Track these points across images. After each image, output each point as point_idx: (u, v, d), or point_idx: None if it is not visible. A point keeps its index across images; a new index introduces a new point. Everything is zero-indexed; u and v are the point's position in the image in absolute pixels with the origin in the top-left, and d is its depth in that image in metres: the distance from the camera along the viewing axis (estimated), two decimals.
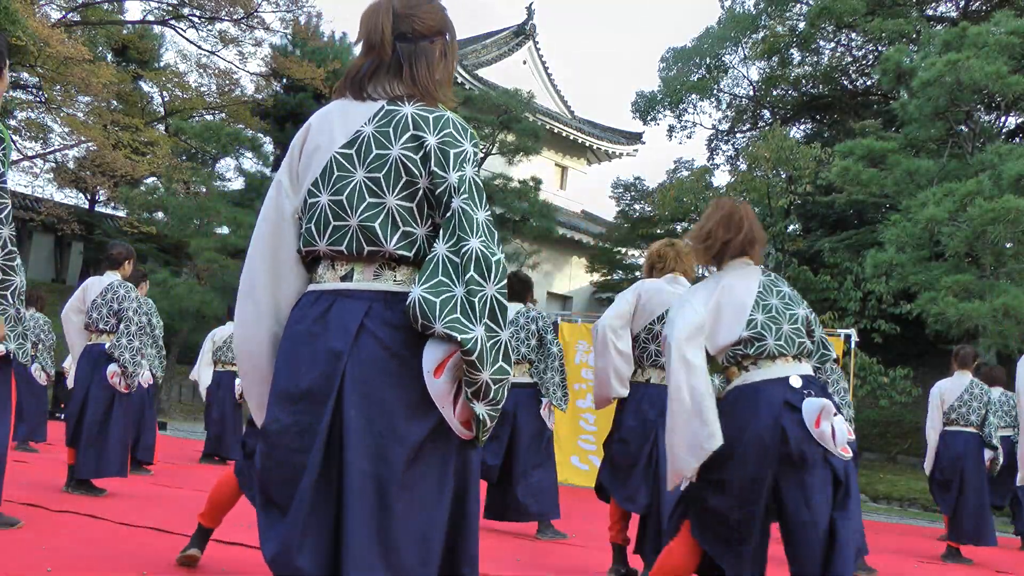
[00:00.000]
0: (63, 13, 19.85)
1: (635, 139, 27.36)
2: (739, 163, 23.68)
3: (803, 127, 25.51)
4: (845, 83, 24.22)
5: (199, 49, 21.69)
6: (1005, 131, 19.20)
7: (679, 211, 20.62)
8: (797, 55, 24.07)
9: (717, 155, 25.80)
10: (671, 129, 24.96)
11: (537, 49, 26.34)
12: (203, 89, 22.15)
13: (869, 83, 23.29)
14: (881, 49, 20.61)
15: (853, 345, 10.88)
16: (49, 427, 9.36)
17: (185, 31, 21.53)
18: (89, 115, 19.83)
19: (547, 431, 5.77)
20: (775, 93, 24.70)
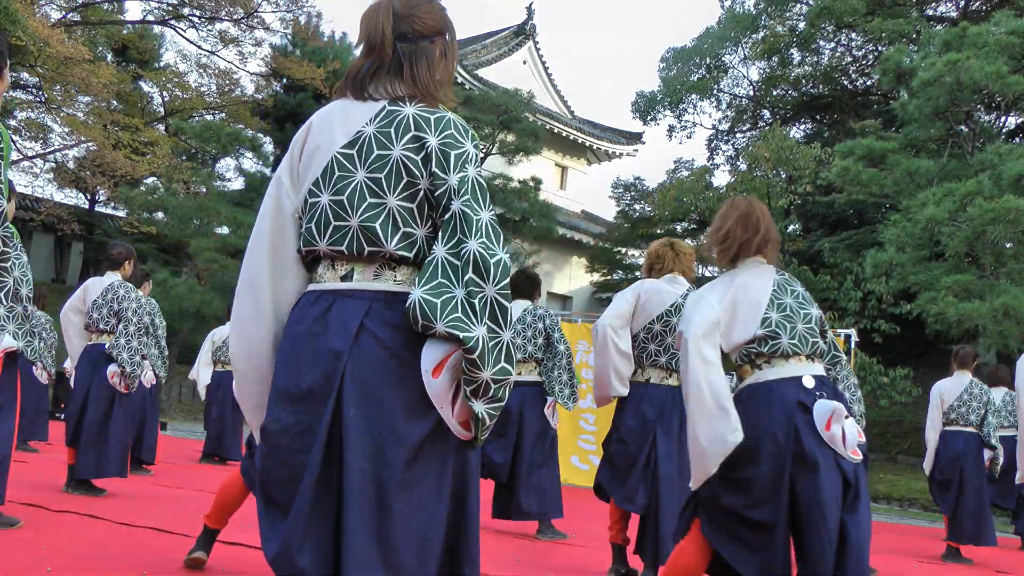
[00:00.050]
0: (63, 13, 19.85)
1: (635, 139, 27.37)
2: (739, 163, 23.68)
3: (803, 127, 25.51)
4: (845, 83, 24.22)
5: (199, 49, 21.71)
6: (1005, 131, 19.20)
7: (679, 211, 20.63)
8: (797, 55, 24.07)
9: (717, 155, 25.82)
10: (671, 129, 24.98)
11: (537, 49, 26.34)
12: (203, 89, 22.16)
13: (869, 83, 23.29)
14: (881, 49, 20.61)
15: (853, 345, 10.86)
16: (49, 427, 9.36)
17: (185, 31, 21.56)
18: (89, 115, 19.83)
19: (551, 430, 5.76)
20: (775, 93, 24.70)
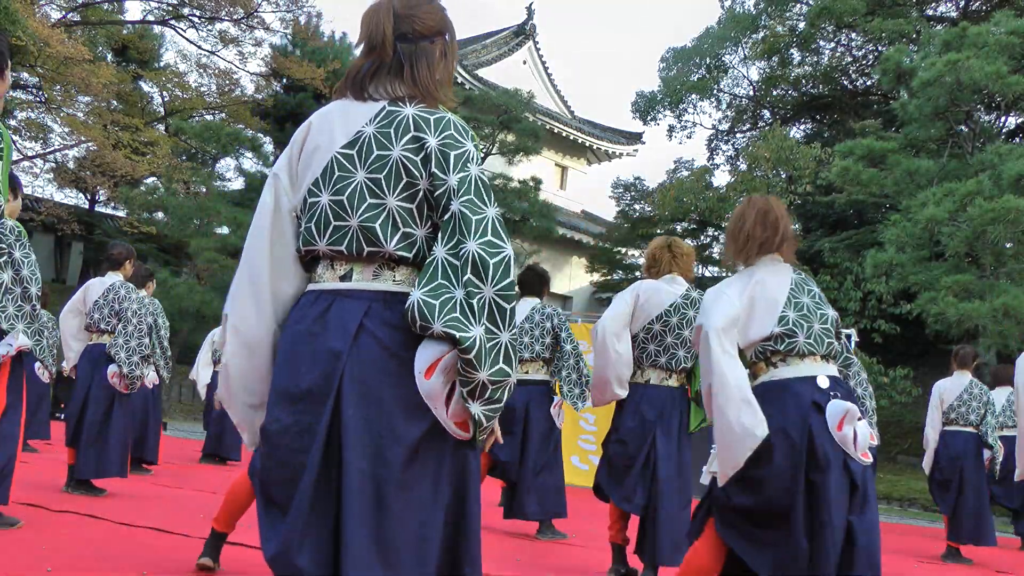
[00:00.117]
0: (63, 13, 19.85)
1: (635, 139, 27.37)
2: (739, 163, 23.69)
3: (803, 127, 25.52)
4: (845, 83, 24.23)
5: (199, 49, 21.72)
6: (1005, 131, 19.21)
7: (679, 211, 20.63)
8: (797, 55, 24.08)
9: (717, 155, 25.84)
10: (671, 129, 25.00)
11: (537, 49, 26.34)
12: (203, 89, 22.16)
13: (869, 83, 23.30)
14: (881, 49, 20.62)
15: (853, 345, 10.86)
16: (50, 427, 9.35)
17: (185, 31, 21.56)
18: (89, 115, 19.83)
19: (556, 430, 5.75)
20: (775, 93, 24.71)
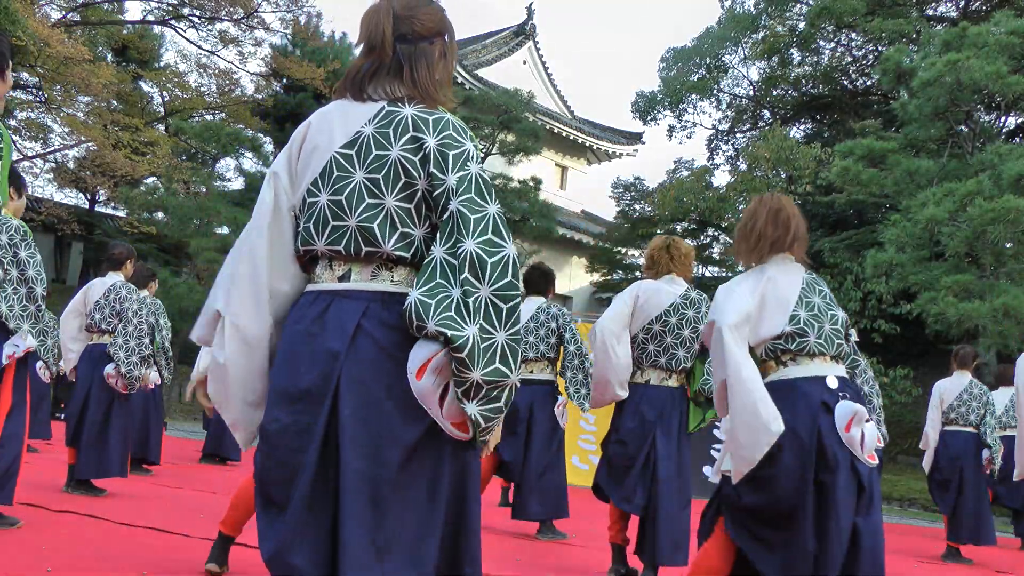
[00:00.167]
0: (63, 13, 19.85)
1: (635, 139, 27.37)
2: (739, 163, 23.69)
3: (803, 127, 25.52)
4: (845, 83, 24.23)
5: (199, 49, 21.71)
6: (1005, 131, 19.21)
7: (679, 211, 20.63)
8: (797, 55, 24.08)
9: (717, 155, 25.84)
10: (671, 129, 25.00)
11: (537, 49, 26.34)
12: (203, 89, 22.16)
13: (869, 83, 23.30)
14: (881, 49, 20.62)
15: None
16: (51, 426, 9.36)
17: (185, 31, 21.56)
18: (89, 115, 19.83)
19: (560, 430, 5.75)
20: (775, 93, 24.71)
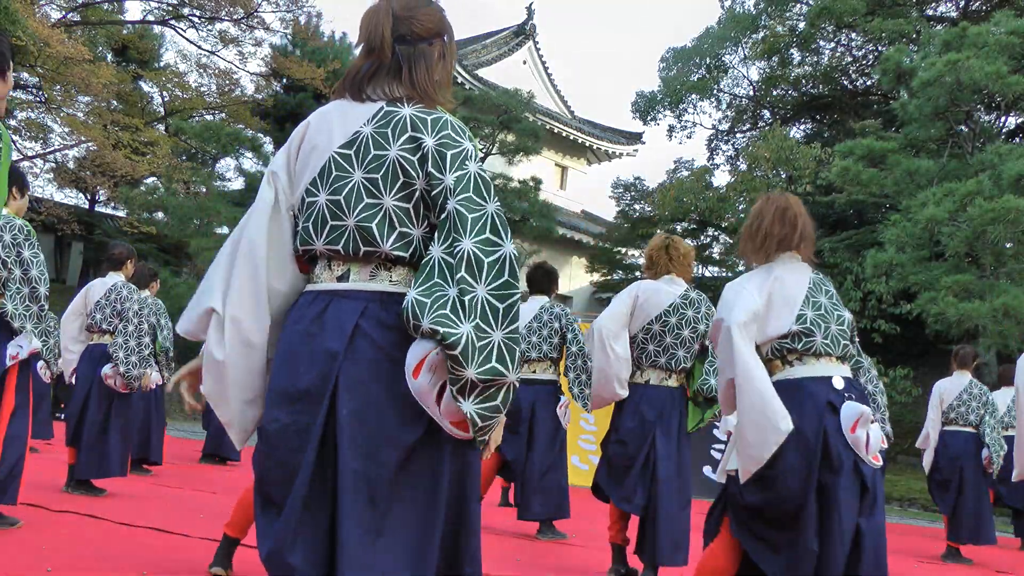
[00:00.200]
0: (63, 13, 19.84)
1: (635, 139, 27.37)
2: (739, 163, 23.69)
3: (803, 127, 25.52)
4: (845, 83, 24.23)
5: (199, 49, 21.69)
6: (1005, 131, 19.21)
7: (679, 211, 20.63)
8: (797, 55, 24.08)
9: (717, 155, 25.83)
10: (671, 129, 24.99)
11: (537, 49, 26.34)
12: (203, 89, 22.13)
13: (869, 83, 23.30)
14: (881, 49, 20.62)
15: None
16: (52, 426, 9.35)
17: (185, 31, 21.52)
18: (89, 115, 19.82)
19: (562, 430, 5.74)
20: (775, 93, 24.70)
